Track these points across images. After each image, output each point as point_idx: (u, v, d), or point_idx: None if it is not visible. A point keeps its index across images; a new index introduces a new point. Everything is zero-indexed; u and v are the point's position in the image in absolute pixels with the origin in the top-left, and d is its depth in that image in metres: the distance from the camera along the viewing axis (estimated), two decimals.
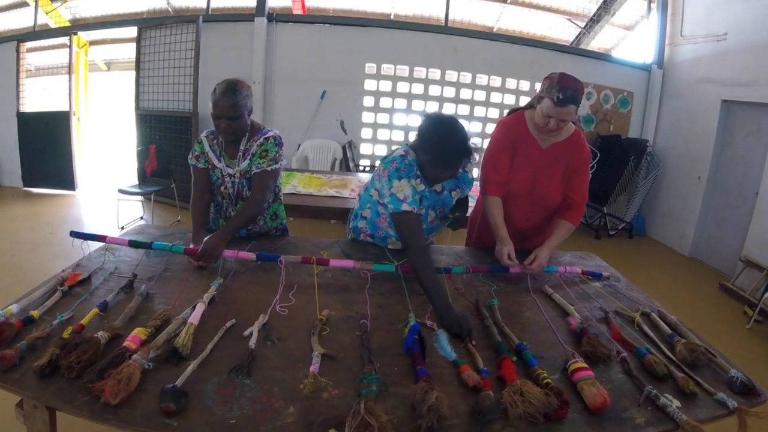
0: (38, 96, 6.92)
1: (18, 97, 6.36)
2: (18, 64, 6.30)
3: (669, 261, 5.76)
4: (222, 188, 2.35)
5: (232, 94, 2.11)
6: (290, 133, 5.92)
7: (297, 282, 1.96)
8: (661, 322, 1.85)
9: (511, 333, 1.65)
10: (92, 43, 8.02)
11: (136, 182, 5.57)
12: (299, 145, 5.96)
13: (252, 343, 1.51)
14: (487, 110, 6.47)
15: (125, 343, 1.43)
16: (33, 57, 7.17)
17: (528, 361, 1.49)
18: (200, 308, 1.66)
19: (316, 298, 1.83)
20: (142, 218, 5.68)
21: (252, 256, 2.07)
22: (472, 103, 6.43)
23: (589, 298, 2.04)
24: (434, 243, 2.53)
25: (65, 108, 6.36)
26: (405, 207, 2.02)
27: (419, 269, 1.89)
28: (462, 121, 2.07)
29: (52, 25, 7.36)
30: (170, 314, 1.63)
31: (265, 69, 5.90)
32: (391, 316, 1.74)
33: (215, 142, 2.30)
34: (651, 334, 1.76)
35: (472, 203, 2.68)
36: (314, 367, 1.39)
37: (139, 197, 5.81)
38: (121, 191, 5.24)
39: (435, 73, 6.30)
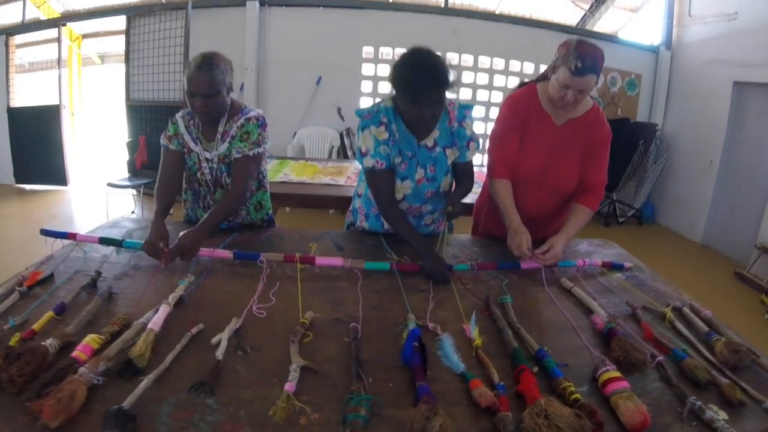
0: (32, 91, 6.70)
1: (8, 92, 6.13)
2: (7, 59, 6.07)
3: (681, 249, 5.50)
4: (199, 174, 2.10)
5: (207, 68, 1.85)
6: (285, 122, 5.66)
7: (280, 278, 1.70)
8: (696, 318, 1.58)
9: (528, 336, 1.38)
10: (85, 36, 7.76)
11: (127, 175, 5.31)
12: (295, 134, 5.69)
13: (219, 353, 1.25)
14: (490, 94, 6.17)
15: (74, 353, 1.19)
16: (28, 52, 6.94)
17: (551, 371, 1.22)
18: (164, 311, 1.40)
19: (299, 299, 1.56)
20: (133, 212, 5.43)
21: (229, 254, 1.81)
22: (474, 87, 6.12)
23: (612, 291, 1.77)
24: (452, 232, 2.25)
25: (56, 102, 6.13)
26: (366, 161, 1.84)
27: (391, 224, 1.88)
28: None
29: (43, 19, 7.12)
30: (131, 318, 1.38)
31: (258, 55, 5.63)
32: (387, 319, 1.48)
33: (192, 123, 2.05)
34: (686, 332, 1.50)
35: (477, 190, 2.41)
36: (290, 386, 1.12)
37: (131, 190, 5.55)
38: (111, 185, 4.99)
39: None
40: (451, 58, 5.96)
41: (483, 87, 6.14)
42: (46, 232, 1.89)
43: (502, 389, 1.15)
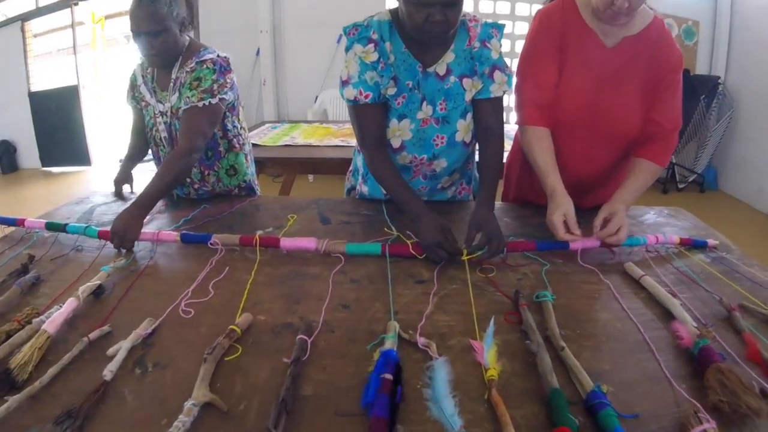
0: (58, 75, 6.51)
1: (28, 78, 5.92)
2: (24, 45, 5.85)
3: (746, 220, 4.72)
4: (154, 131, 1.67)
5: (149, 0, 1.45)
6: (307, 86, 5.16)
7: (236, 262, 1.24)
8: None
9: (576, 363, 0.83)
10: (108, 17, 7.51)
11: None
12: (317, 97, 5.16)
13: (109, 371, 0.83)
14: (513, 26, 5.21)
15: None
16: (53, 38, 6.74)
17: None
18: (69, 307, 1.02)
19: (245, 293, 1.08)
20: None
21: (176, 236, 1.35)
22: (493, 17, 5.14)
23: (694, 281, 1.18)
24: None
25: (74, 82, 5.89)
26: (347, 92, 1.36)
27: (377, 177, 1.43)
28: None
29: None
30: (43, 312, 1.02)
31: (273, 16, 5.08)
32: (359, 325, 0.97)
33: (148, 71, 1.66)
34: None
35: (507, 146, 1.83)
36: None
37: (149, 164, 5.21)
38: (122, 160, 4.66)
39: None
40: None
41: (504, 17, 5.18)
42: None
43: None
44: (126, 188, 1.85)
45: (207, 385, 0.81)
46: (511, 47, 5.18)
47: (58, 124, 5.96)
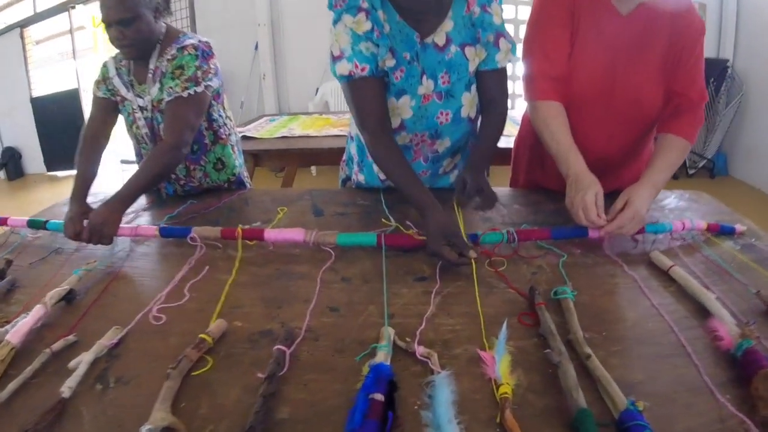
0: (63, 80, 6.45)
1: (29, 84, 5.81)
2: (24, 51, 5.75)
3: (759, 206, 4.53)
4: (135, 128, 1.52)
5: None
6: (307, 79, 4.99)
7: (218, 261, 1.10)
8: None
9: (605, 374, 0.68)
10: None
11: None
12: (317, 89, 5.00)
13: (67, 387, 0.72)
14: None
15: None
16: (54, 43, 6.68)
17: None
18: (35, 315, 0.89)
19: (223, 295, 0.94)
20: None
21: (154, 230, 1.22)
22: None
23: (726, 271, 1.02)
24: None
25: (75, 86, 5.76)
26: (340, 67, 1.17)
27: (380, 164, 1.26)
28: None
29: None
30: (11, 321, 0.89)
31: (270, 8, 4.90)
32: (349, 331, 0.83)
33: (122, 63, 1.49)
34: None
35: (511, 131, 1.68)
36: None
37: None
38: (124, 161, 4.56)
39: None
40: None
41: None
42: None
43: None
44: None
45: (168, 407, 0.67)
46: (515, 13, 4.82)
47: (61, 129, 5.81)
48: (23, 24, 5.73)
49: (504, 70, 1.28)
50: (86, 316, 0.93)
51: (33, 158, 6.00)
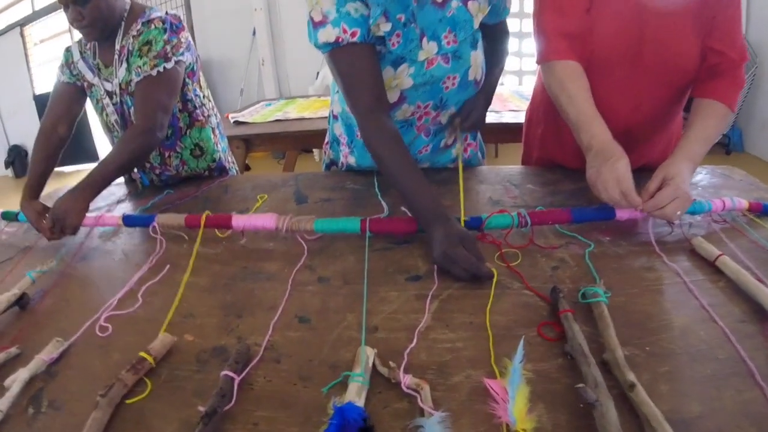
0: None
1: (31, 82, 5.69)
2: (25, 50, 5.61)
3: None
4: (104, 116, 1.34)
5: None
6: (306, 63, 4.75)
7: (184, 258, 0.92)
8: None
9: (656, 416, 0.49)
10: None
11: None
12: (318, 73, 4.76)
13: None
14: None
15: None
16: (57, 41, 6.58)
17: None
18: None
19: (174, 303, 0.76)
20: None
21: (116, 219, 1.06)
22: None
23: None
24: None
25: None
26: (323, 34, 0.95)
27: (375, 155, 0.94)
28: None
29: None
30: None
31: None
32: (320, 349, 0.63)
33: (87, 47, 1.31)
34: None
35: (519, 107, 1.46)
36: None
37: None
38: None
39: None
40: None
41: None
42: None
43: None
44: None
45: None
46: None
47: None
48: (23, 23, 5.61)
49: (505, 20, 1.15)
50: (33, 324, 0.77)
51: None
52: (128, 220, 1.06)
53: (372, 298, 0.72)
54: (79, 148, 5.74)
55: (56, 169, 1.31)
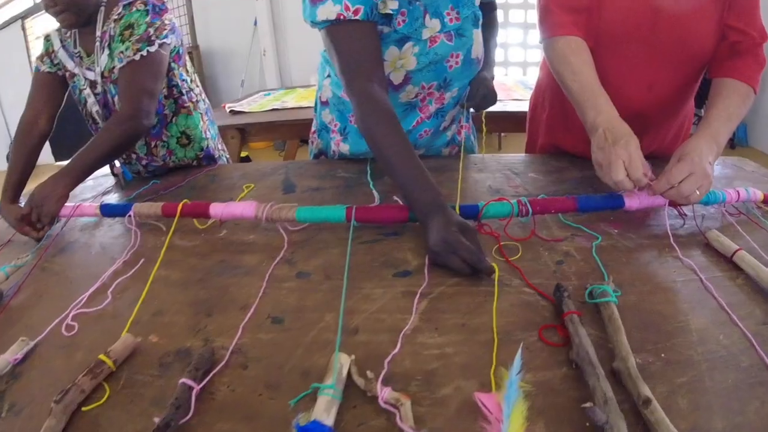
0: None
1: (32, 75, 5.70)
2: (27, 43, 5.52)
3: None
4: (87, 106, 1.28)
5: None
6: (309, 52, 4.48)
7: (160, 250, 0.84)
8: None
9: (670, 428, 0.41)
10: None
11: None
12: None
13: None
14: None
15: None
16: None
17: None
18: None
19: (140, 300, 0.69)
20: None
21: (94, 208, 1.00)
22: None
23: None
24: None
25: None
26: (323, 11, 0.87)
27: (370, 140, 0.85)
28: None
29: None
30: None
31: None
32: (292, 353, 0.56)
33: (68, 35, 1.24)
34: None
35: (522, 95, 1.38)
36: None
37: None
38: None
39: None
40: None
41: None
42: None
43: None
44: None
45: None
46: None
47: (66, 118, 5.71)
48: (24, 16, 5.54)
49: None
50: (5, 320, 0.71)
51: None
52: (106, 209, 0.99)
53: (354, 296, 0.65)
54: (81, 142, 5.79)
55: (58, 163, 1.26)
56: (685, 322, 0.59)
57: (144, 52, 1.13)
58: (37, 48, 1.31)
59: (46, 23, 5.71)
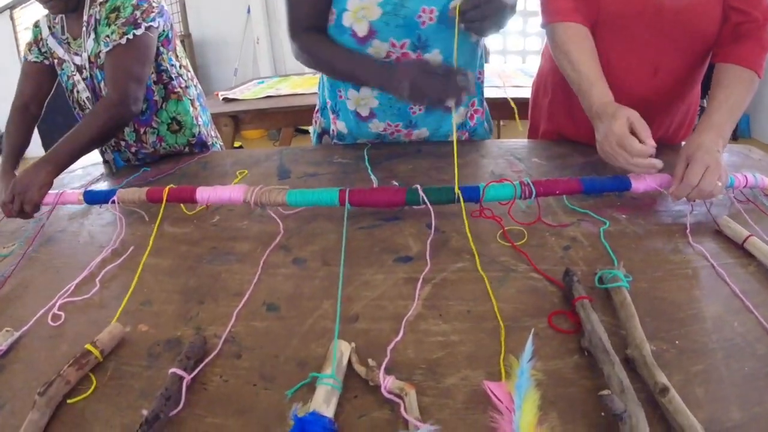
0: None
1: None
2: (15, 34, 5.43)
3: None
4: (75, 93, 1.24)
5: None
6: None
7: (150, 237, 0.81)
8: None
9: (695, 426, 0.39)
10: None
11: None
12: None
13: None
14: None
15: None
16: None
17: None
18: None
19: (131, 288, 0.66)
20: None
21: (77, 196, 0.96)
22: None
23: None
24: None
25: None
26: None
27: (315, 60, 1.00)
28: None
29: None
30: None
31: None
32: (288, 342, 0.53)
33: (56, 21, 1.21)
34: None
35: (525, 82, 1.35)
36: None
37: None
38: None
39: None
40: None
41: None
42: None
43: None
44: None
45: None
46: None
47: (54, 109, 5.63)
48: (12, 5, 5.44)
49: None
50: None
51: (31, 141, 5.89)
52: (89, 196, 0.96)
53: (354, 282, 0.62)
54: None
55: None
56: (698, 309, 0.57)
57: (130, 36, 1.10)
58: (26, 38, 1.28)
59: (34, 13, 5.64)
